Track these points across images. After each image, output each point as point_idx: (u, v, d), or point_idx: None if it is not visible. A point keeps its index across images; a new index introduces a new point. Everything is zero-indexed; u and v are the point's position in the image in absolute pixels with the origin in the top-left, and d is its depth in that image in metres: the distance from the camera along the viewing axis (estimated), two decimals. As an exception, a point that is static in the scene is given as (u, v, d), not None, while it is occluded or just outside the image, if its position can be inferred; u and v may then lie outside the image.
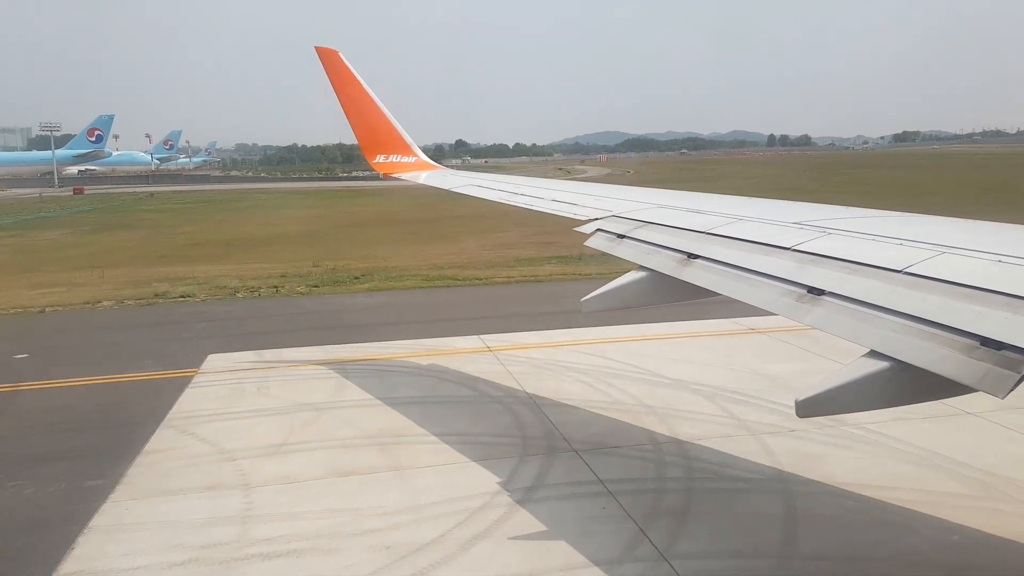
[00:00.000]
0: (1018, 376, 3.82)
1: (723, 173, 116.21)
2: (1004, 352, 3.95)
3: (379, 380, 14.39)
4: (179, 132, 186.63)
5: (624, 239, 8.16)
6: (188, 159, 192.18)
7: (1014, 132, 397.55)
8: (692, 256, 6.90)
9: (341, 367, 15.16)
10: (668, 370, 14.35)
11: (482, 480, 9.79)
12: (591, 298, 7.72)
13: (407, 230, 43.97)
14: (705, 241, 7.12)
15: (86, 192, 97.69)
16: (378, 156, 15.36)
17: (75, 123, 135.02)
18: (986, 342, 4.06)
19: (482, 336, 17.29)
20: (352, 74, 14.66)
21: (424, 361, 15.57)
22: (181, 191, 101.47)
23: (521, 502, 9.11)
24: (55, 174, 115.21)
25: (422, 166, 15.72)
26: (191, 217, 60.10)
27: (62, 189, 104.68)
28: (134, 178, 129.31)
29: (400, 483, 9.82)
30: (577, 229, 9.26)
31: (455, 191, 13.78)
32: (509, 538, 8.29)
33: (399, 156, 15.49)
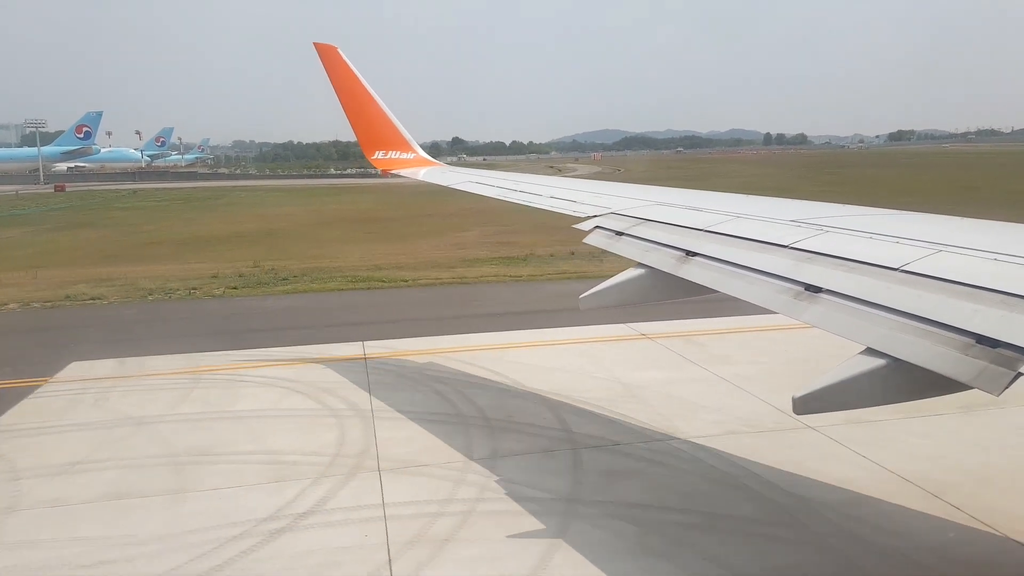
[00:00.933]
0: (1013, 374, 3.85)
1: (711, 171, 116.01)
2: (999, 350, 3.98)
3: (224, 392, 13.73)
4: (171, 129, 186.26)
5: (623, 236, 8.18)
6: (180, 156, 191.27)
7: (1008, 131, 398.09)
8: (690, 253, 6.92)
9: (195, 377, 14.54)
10: (532, 379, 13.93)
11: (256, 505, 9.21)
12: (589, 295, 7.74)
13: (372, 228, 43.67)
14: (703, 239, 7.14)
15: (68, 189, 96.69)
16: (377, 152, 15.36)
17: (72, 119, 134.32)
18: (981, 340, 4.09)
19: (366, 343, 16.69)
20: (351, 70, 14.65)
21: (287, 371, 14.85)
22: (165, 188, 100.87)
23: (281, 531, 8.59)
24: (41, 171, 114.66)
25: (420, 162, 15.73)
26: (161, 215, 59.29)
27: (46, 186, 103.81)
28: (122, 175, 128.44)
29: (168, 508, 9.26)
30: (576, 226, 9.26)
31: (453, 187, 13.76)
32: (240, 572, 7.77)
33: (398, 152, 15.49)
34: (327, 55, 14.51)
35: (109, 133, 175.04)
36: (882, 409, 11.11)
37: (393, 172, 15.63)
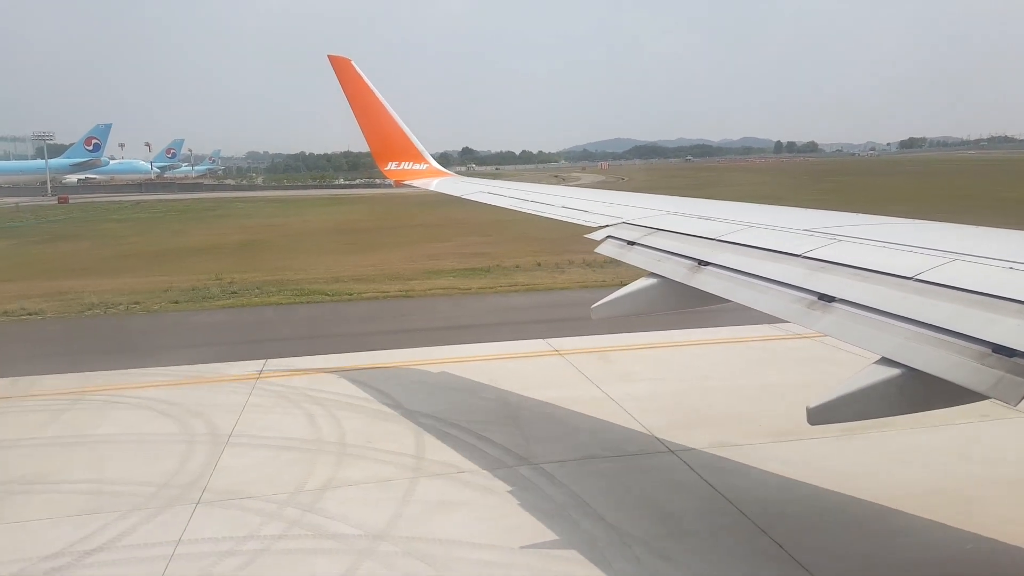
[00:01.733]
0: (1030, 383, 3.80)
1: (712, 180, 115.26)
2: (1016, 359, 3.93)
3: (94, 414, 13.15)
4: (182, 141, 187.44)
5: (634, 246, 8.17)
6: (191, 167, 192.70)
7: (1022, 138, 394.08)
8: (703, 263, 6.90)
9: (76, 399, 14.00)
10: (417, 400, 13.42)
11: (52, 540, 8.68)
12: (601, 305, 7.73)
13: (356, 239, 43.57)
14: (716, 248, 7.12)
15: (72, 201, 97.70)
16: (390, 164, 15.45)
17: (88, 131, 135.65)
18: (998, 349, 4.05)
19: (268, 361, 16.13)
20: (365, 82, 14.76)
21: (170, 392, 14.30)
22: (168, 199, 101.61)
23: (56, 570, 8.07)
24: (48, 183, 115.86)
25: (433, 173, 15.79)
26: (152, 227, 59.26)
27: (51, 198, 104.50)
28: (130, 186, 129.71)
29: None
30: (588, 236, 9.25)
31: (465, 198, 13.80)
32: None
33: (411, 163, 15.56)
34: (341, 67, 14.64)
35: (122, 145, 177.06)
36: (753, 432, 11.29)
37: (406, 183, 15.70)
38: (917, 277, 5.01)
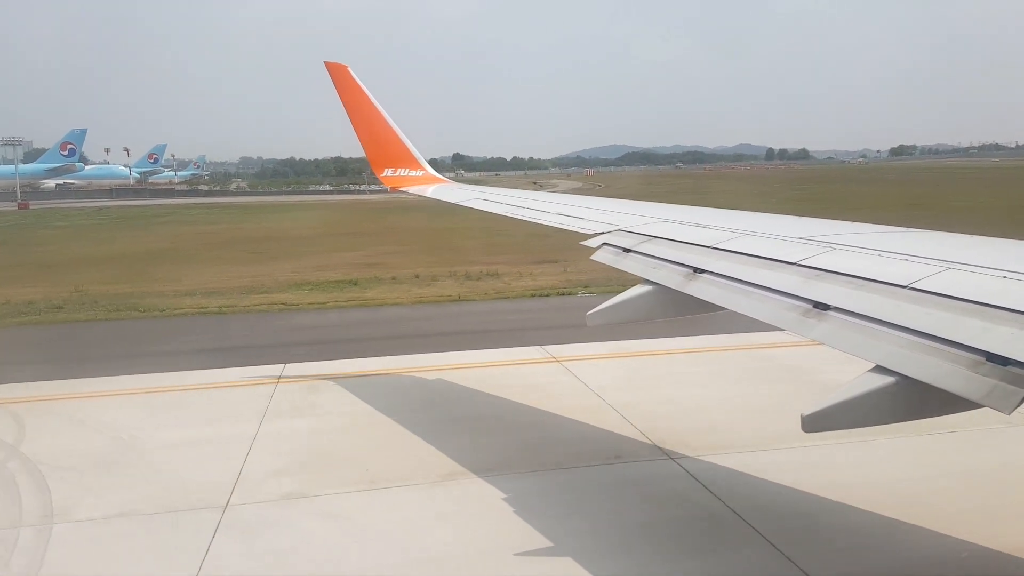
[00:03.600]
0: (1024, 392, 3.82)
1: (684, 187, 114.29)
2: (1010, 368, 3.95)
3: None
4: (164, 146, 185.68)
5: (630, 253, 8.19)
6: (174, 172, 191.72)
7: (1013, 146, 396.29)
8: (698, 270, 6.92)
9: None
10: (150, 434, 12.20)
11: None
12: (596, 312, 7.73)
13: (263, 248, 43.13)
14: (711, 255, 7.14)
15: (32, 207, 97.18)
16: (386, 170, 15.47)
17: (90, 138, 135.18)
18: (992, 358, 4.07)
19: (11, 384, 15.04)
20: (361, 89, 14.80)
21: None
22: (134, 205, 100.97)
23: None
24: (18, 189, 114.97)
25: (429, 180, 15.82)
26: (83, 234, 57.74)
27: (11, 204, 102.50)
28: (104, 192, 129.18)
29: None
30: (583, 243, 9.27)
31: (461, 205, 13.82)
32: None
33: (406, 170, 15.59)
34: (337, 74, 14.67)
35: (108, 150, 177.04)
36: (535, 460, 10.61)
37: (402, 189, 15.72)
38: (911, 286, 5.04)
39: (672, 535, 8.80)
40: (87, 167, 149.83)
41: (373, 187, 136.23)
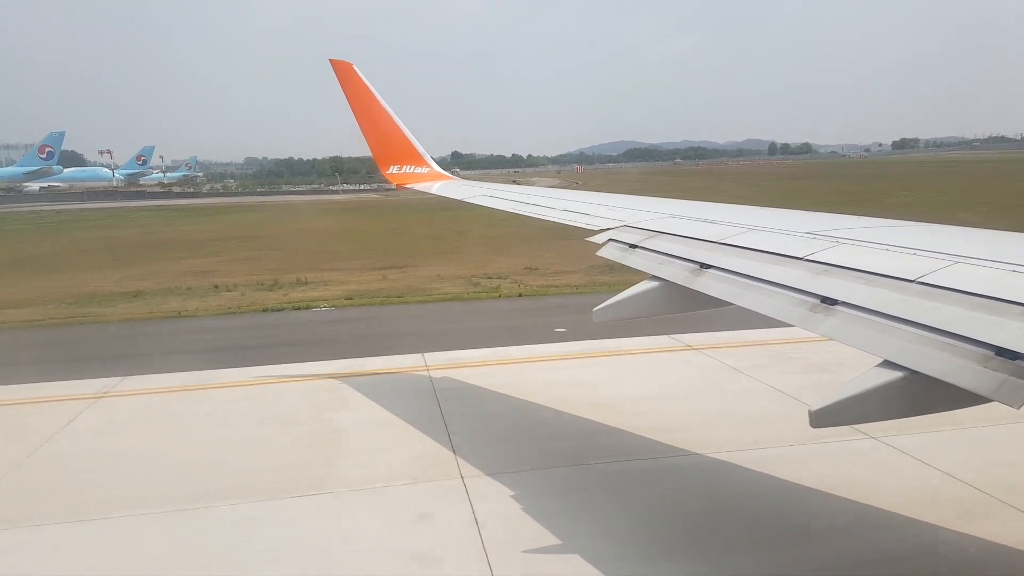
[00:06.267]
0: (1034, 386, 3.79)
1: (665, 183, 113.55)
2: (1019, 362, 3.93)
3: None
4: (152, 147, 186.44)
5: (636, 249, 8.17)
6: (162, 174, 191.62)
7: (1018, 138, 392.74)
8: (705, 266, 6.90)
9: None
10: None
11: None
12: (603, 308, 7.73)
13: (131, 255, 42.50)
14: (718, 251, 7.12)
15: None
16: (391, 167, 15.49)
17: (89, 139, 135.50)
18: (1001, 352, 4.04)
19: None
20: (366, 86, 14.80)
21: None
22: (97, 208, 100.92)
23: None
24: None
25: (434, 176, 15.84)
26: (19, 238, 58.23)
27: None
28: (69, 195, 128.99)
29: None
30: (589, 239, 9.26)
31: (467, 201, 13.85)
32: None
33: (412, 167, 15.60)
34: (342, 71, 14.67)
35: (102, 152, 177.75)
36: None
37: (407, 186, 15.75)
38: (920, 280, 5.01)
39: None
40: (68, 169, 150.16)
41: (345, 187, 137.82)
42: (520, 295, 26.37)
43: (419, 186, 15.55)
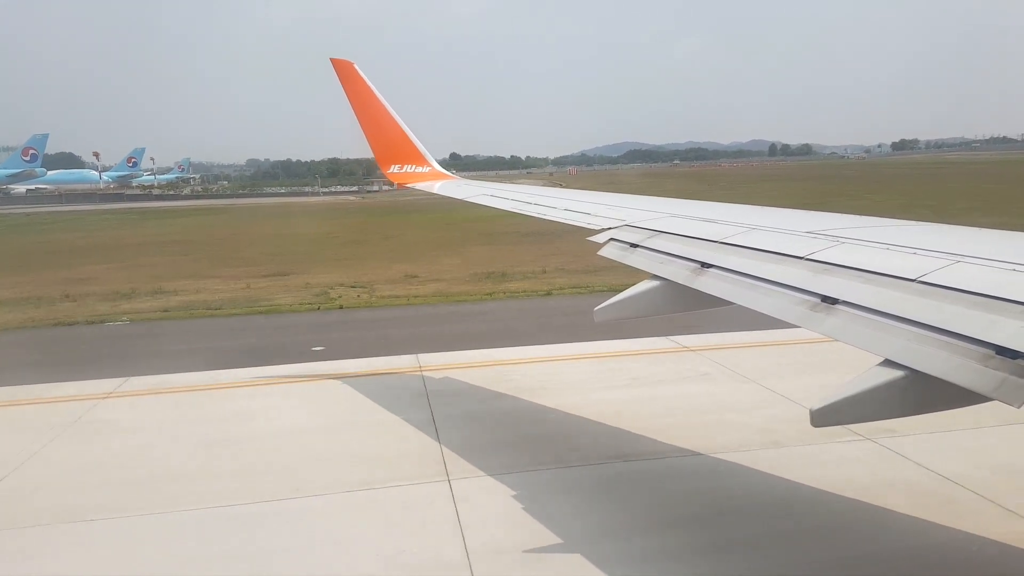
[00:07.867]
0: (1035, 385, 3.79)
1: (652, 184, 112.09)
2: (1020, 361, 3.93)
3: None
4: (143, 149, 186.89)
5: (637, 248, 8.18)
6: (153, 176, 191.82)
7: (1019, 139, 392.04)
8: (706, 265, 6.90)
9: None
10: None
11: None
12: (604, 307, 7.74)
13: (80, 259, 41.70)
14: (719, 250, 7.13)
15: None
16: (392, 167, 15.50)
17: (89, 141, 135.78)
18: (1002, 351, 4.04)
19: None
20: (367, 85, 14.80)
21: None
22: (68, 211, 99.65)
23: None
24: None
25: (436, 176, 15.87)
26: None
27: None
28: (51, 197, 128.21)
29: None
30: (590, 239, 9.26)
31: (468, 200, 13.87)
32: None
33: (413, 166, 15.62)
34: (343, 70, 14.67)
35: (96, 154, 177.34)
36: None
37: (408, 186, 15.77)
38: (920, 279, 5.01)
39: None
40: (54, 172, 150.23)
41: (325, 190, 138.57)
42: (342, 307, 25.79)
43: (420, 185, 15.57)
